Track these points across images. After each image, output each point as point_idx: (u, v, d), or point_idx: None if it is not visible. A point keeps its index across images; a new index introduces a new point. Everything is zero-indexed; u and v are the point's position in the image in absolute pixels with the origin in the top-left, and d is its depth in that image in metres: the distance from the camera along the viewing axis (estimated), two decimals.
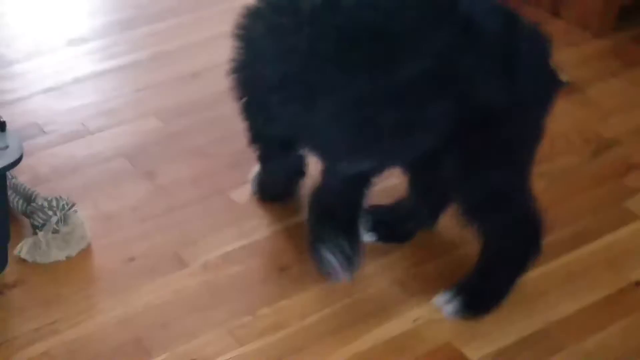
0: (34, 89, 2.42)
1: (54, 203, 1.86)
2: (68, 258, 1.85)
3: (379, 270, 1.82)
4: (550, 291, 1.76)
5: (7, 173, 1.89)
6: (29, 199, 1.91)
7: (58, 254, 1.84)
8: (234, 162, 2.10)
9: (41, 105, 2.35)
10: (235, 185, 2.04)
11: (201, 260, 1.85)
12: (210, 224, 1.94)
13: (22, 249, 1.83)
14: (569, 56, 2.47)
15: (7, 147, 1.66)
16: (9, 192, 1.92)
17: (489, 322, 1.70)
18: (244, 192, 2.02)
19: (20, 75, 2.49)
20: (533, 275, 1.78)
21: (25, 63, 2.54)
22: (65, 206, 1.87)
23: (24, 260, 1.83)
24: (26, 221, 1.89)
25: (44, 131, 2.25)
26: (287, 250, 1.88)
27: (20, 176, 2.06)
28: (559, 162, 2.09)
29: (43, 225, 1.85)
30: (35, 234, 1.85)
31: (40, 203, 1.87)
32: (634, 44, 2.52)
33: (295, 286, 1.79)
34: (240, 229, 1.93)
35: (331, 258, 1.68)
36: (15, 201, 1.92)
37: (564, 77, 2.29)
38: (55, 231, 1.83)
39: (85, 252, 1.87)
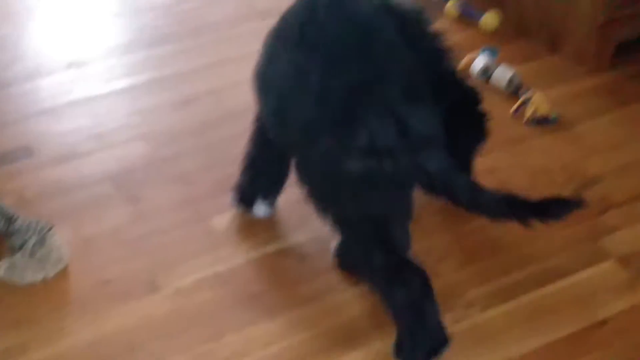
0: (28, 111, 2.47)
1: (33, 225, 1.91)
2: (44, 280, 1.89)
3: (347, 300, 1.84)
4: (516, 326, 1.77)
5: None
6: (9, 220, 1.95)
7: (34, 276, 1.88)
8: (217, 189, 2.13)
9: (33, 128, 2.40)
10: (215, 213, 2.07)
11: (174, 286, 1.88)
12: (187, 250, 1.97)
13: (0, 269, 1.87)
14: (562, 92, 2.48)
15: None
16: None
17: (452, 355, 1.70)
18: (224, 220, 2.05)
19: (17, 97, 2.54)
20: (501, 310, 1.79)
21: (23, 85, 2.59)
22: (43, 229, 1.91)
23: (0, 280, 1.87)
24: (4, 242, 1.94)
25: (33, 154, 2.29)
26: (259, 278, 1.91)
27: (6, 197, 2.11)
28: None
29: (21, 246, 1.89)
30: (13, 255, 1.88)
31: (19, 225, 1.92)
32: (629, 82, 2.51)
33: (263, 314, 1.81)
34: (215, 256, 1.95)
35: None
36: None
37: (552, 113, 2.32)
38: (32, 253, 1.87)
39: (62, 274, 1.91)
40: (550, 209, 1.64)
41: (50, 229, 1.92)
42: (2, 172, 2.23)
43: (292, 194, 2.00)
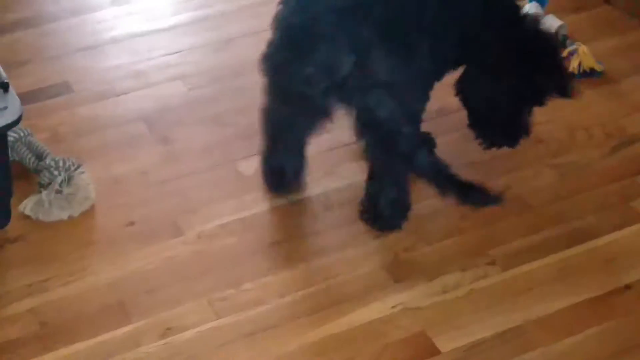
0: (70, 47, 2.48)
1: (61, 163, 1.93)
2: (70, 217, 1.91)
3: (368, 253, 1.82)
4: (537, 287, 1.73)
5: (23, 130, 1.97)
6: (40, 156, 1.98)
7: (60, 214, 1.90)
8: (249, 133, 2.11)
9: (74, 64, 2.40)
10: (244, 157, 2.06)
11: (197, 230, 1.88)
12: (213, 194, 1.97)
13: (26, 206, 1.90)
14: (610, 44, 2.40)
15: (6, 107, 1.71)
16: (23, 149, 2.00)
17: (468, 313, 1.68)
18: (252, 165, 2.04)
19: (61, 32, 2.55)
20: (523, 270, 1.76)
21: (68, 20, 2.59)
22: (71, 167, 1.93)
23: (27, 217, 1.90)
24: (35, 178, 1.95)
25: (72, 90, 2.30)
26: (282, 226, 1.90)
27: (41, 133, 2.13)
28: (575, 155, 2.04)
29: (48, 184, 1.91)
30: (40, 192, 1.90)
31: (48, 162, 1.94)
32: None
33: (283, 263, 1.81)
34: (240, 201, 1.95)
35: None
36: (27, 158, 1.99)
37: (598, 66, 2.24)
38: (59, 191, 1.89)
39: (88, 213, 1.93)
40: (470, 194, 1.67)
41: (78, 167, 1.94)
42: (39, 107, 2.24)
43: (324, 141, 1.99)
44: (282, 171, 1.93)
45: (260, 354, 1.63)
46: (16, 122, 1.74)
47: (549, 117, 2.14)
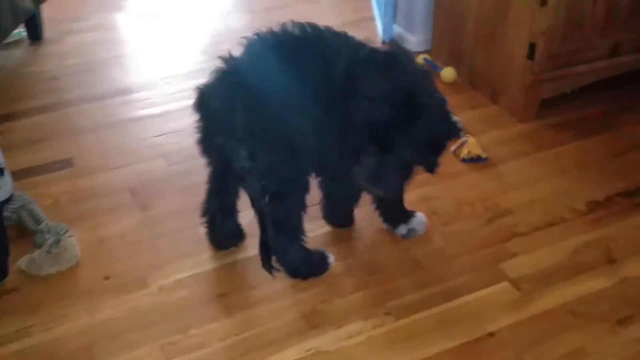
0: (78, 129, 2.35)
1: (52, 228, 1.77)
2: (58, 272, 1.74)
3: (293, 304, 1.67)
4: (422, 334, 1.58)
5: (27, 198, 1.81)
6: (37, 221, 1.82)
7: (49, 269, 1.74)
8: None
9: (78, 143, 2.26)
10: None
11: (159, 283, 1.72)
12: (176, 253, 1.81)
13: (22, 262, 1.74)
14: (495, 136, 2.26)
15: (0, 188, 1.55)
16: (25, 215, 1.85)
17: (366, 355, 1.54)
18: None
19: (72, 116, 2.41)
20: (411, 320, 1.61)
21: (79, 107, 2.46)
22: (61, 231, 1.77)
23: (23, 271, 1.73)
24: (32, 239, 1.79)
25: (73, 164, 2.15)
26: (227, 280, 1.74)
27: (45, 200, 1.99)
28: (460, 225, 1.89)
29: (41, 245, 1.75)
30: (34, 251, 1.74)
31: (42, 227, 1.78)
32: (547, 131, 2.28)
33: (224, 312, 1.65)
34: (197, 259, 1.79)
35: None
36: (27, 222, 1.83)
37: (483, 154, 2.11)
38: (48, 251, 1.73)
39: (74, 269, 1.77)
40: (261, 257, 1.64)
41: (66, 232, 1.78)
42: (46, 179, 2.09)
43: None
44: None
45: None
46: (6, 201, 1.57)
47: (442, 194, 2.00)
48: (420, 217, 1.84)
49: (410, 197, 1.96)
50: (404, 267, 1.76)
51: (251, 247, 1.82)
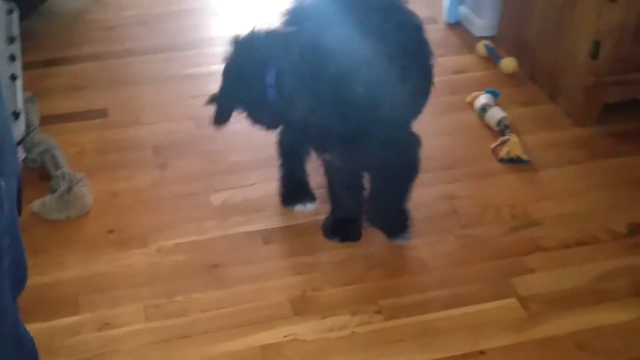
0: (119, 80, 2.42)
1: (68, 176, 1.86)
2: (67, 219, 1.83)
3: (283, 286, 1.69)
4: (407, 340, 1.56)
5: (53, 144, 1.90)
6: (57, 167, 1.91)
7: (58, 215, 1.83)
8: (230, 170, 2.02)
9: (116, 95, 2.35)
10: (218, 190, 1.95)
11: (158, 245, 1.78)
12: (182, 217, 1.87)
13: (35, 205, 1.83)
14: (544, 138, 2.18)
15: None
16: (48, 159, 1.95)
17: (343, 352, 1.53)
18: (221, 197, 1.93)
19: (116, 68, 2.50)
20: (401, 322, 1.60)
21: (124, 59, 2.54)
22: (74, 180, 1.85)
23: (35, 213, 1.82)
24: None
25: (107, 115, 2.24)
26: (224, 252, 1.78)
27: (72, 147, 2.09)
28: (479, 229, 1.85)
29: (54, 191, 1.84)
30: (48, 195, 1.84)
31: (59, 173, 1.87)
32: (605, 139, 2.17)
33: (213, 284, 1.69)
34: (200, 226, 1.84)
35: None
36: (48, 166, 1.92)
37: (525, 156, 2.04)
38: (60, 198, 1.82)
39: (82, 218, 1.85)
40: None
41: (79, 182, 1.86)
42: (78, 126, 2.18)
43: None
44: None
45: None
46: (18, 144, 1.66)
47: (469, 193, 1.96)
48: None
49: (433, 192, 1.94)
50: (407, 266, 1.75)
51: (258, 220, 1.85)
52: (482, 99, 2.27)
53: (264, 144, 1.94)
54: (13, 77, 1.80)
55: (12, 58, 1.88)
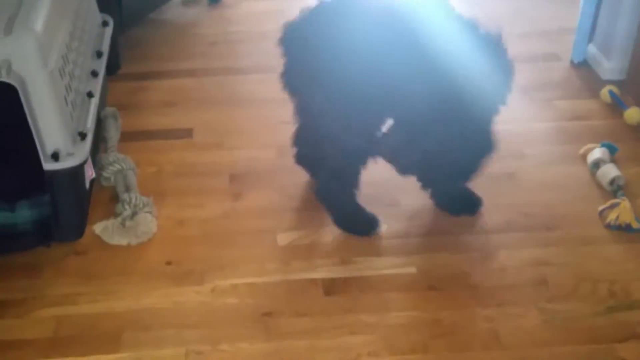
0: (210, 100, 2.38)
1: (134, 200, 1.82)
2: (128, 245, 1.79)
3: (336, 347, 1.56)
4: None
5: (129, 164, 1.88)
6: (127, 189, 1.88)
7: (119, 240, 1.79)
8: (302, 207, 1.91)
9: (204, 115, 2.30)
10: (287, 229, 1.85)
11: (214, 284, 1.71)
12: (244, 255, 1.78)
13: (98, 227, 1.80)
14: None
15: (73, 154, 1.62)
16: (120, 180, 1.93)
17: None
18: (288, 237, 1.83)
19: (210, 85, 2.45)
20: None
21: (219, 77, 2.50)
22: (139, 205, 1.81)
23: (97, 236, 1.80)
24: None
25: (192, 136, 2.20)
26: (281, 299, 1.67)
27: (149, 167, 2.06)
28: (569, 305, 1.64)
29: (119, 214, 1.80)
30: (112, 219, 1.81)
31: (126, 196, 1.83)
32: None
33: (263, 335, 1.58)
34: (260, 268, 1.75)
35: None
36: (119, 188, 1.90)
37: (636, 223, 1.81)
38: (122, 223, 1.78)
39: (143, 245, 1.81)
40: None
41: (145, 207, 1.82)
42: (160, 145, 2.15)
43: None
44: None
45: None
46: (79, 166, 1.63)
47: (564, 260, 1.75)
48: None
49: (522, 255, 1.76)
50: (478, 339, 1.57)
51: (322, 267, 1.73)
52: (597, 152, 2.04)
53: None
54: (90, 95, 1.78)
55: (94, 74, 1.87)
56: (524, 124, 2.21)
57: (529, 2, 2.93)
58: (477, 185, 1.96)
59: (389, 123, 1.68)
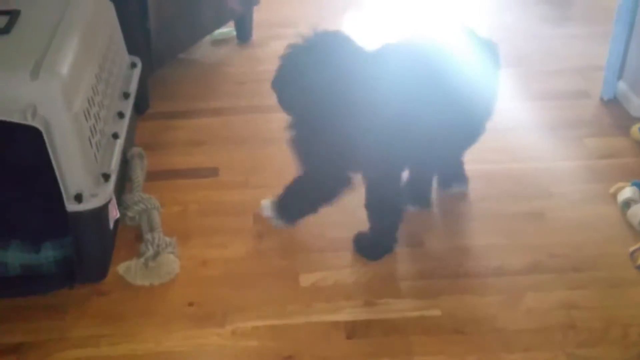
0: (236, 138, 2.37)
1: (157, 241, 1.81)
2: (151, 285, 1.78)
3: None
4: None
5: (153, 203, 1.88)
6: (151, 229, 1.87)
7: (143, 281, 1.78)
8: (326, 247, 1.88)
9: (231, 154, 2.29)
10: (311, 270, 1.82)
11: (235, 325, 1.68)
12: (266, 296, 1.76)
13: (121, 268, 1.79)
14: None
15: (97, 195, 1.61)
16: (144, 219, 1.92)
17: None
18: (311, 278, 1.80)
19: (238, 124, 2.45)
20: None
21: (247, 115, 2.48)
22: (163, 245, 1.80)
23: (121, 276, 1.79)
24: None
25: (217, 174, 2.18)
26: (302, 343, 1.64)
27: (174, 206, 2.05)
28: (599, 351, 1.59)
29: (142, 254, 1.79)
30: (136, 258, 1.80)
31: (150, 236, 1.83)
32: None
33: None
34: (282, 310, 1.72)
35: None
36: (143, 228, 1.89)
37: None
38: (146, 263, 1.77)
39: (166, 285, 1.79)
40: None
41: (168, 247, 1.80)
42: (185, 184, 2.14)
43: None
44: None
45: None
46: (103, 208, 1.63)
47: (594, 304, 1.69)
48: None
49: (550, 298, 1.71)
50: None
51: (345, 309, 1.70)
52: (627, 192, 1.98)
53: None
54: (115, 136, 1.78)
55: (121, 115, 1.87)
56: (553, 163, 2.17)
57: (559, 39, 2.89)
58: (504, 225, 1.92)
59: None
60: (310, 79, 1.61)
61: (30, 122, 1.49)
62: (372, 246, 1.83)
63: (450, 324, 1.66)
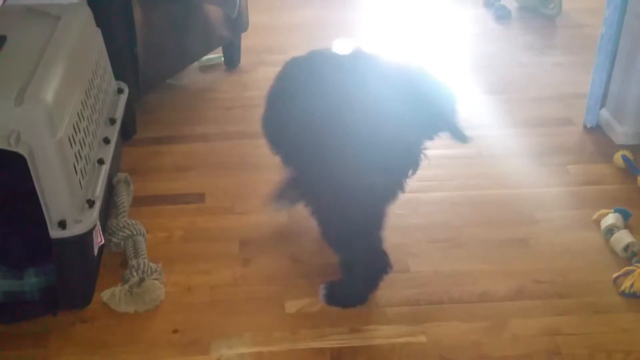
0: (223, 165, 2.36)
1: (142, 267, 1.79)
2: (136, 312, 1.75)
3: None
4: None
5: (139, 229, 1.86)
6: (136, 255, 1.85)
7: (126, 308, 1.76)
8: (313, 273, 1.87)
9: (218, 180, 2.27)
10: (296, 296, 1.80)
11: (220, 353, 1.66)
12: (252, 323, 1.74)
13: (106, 295, 1.77)
14: None
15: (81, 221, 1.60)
16: (129, 246, 1.89)
17: None
18: (297, 305, 1.78)
19: (225, 150, 2.43)
20: None
21: (235, 141, 2.47)
22: (148, 272, 1.78)
23: (105, 303, 1.77)
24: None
25: (204, 201, 2.17)
26: None
27: (160, 232, 2.04)
28: None
29: (127, 281, 1.77)
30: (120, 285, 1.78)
31: (135, 263, 1.80)
32: None
33: None
34: (268, 337, 1.70)
35: None
36: (128, 254, 1.87)
37: None
38: (130, 290, 1.75)
39: (151, 312, 1.77)
40: None
41: (154, 273, 1.79)
42: (172, 210, 2.13)
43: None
44: None
45: None
46: (87, 234, 1.61)
47: (578, 330, 1.69)
48: None
49: (534, 324, 1.69)
50: None
51: (331, 336, 1.68)
52: (610, 218, 1.98)
53: None
54: (101, 162, 1.77)
55: (107, 141, 1.86)
56: (537, 189, 2.17)
57: (542, 67, 2.91)
58: (489, 251, 1.91)
59: None
60: (287, 114, 1.59)
61: (13, 148, 1.48)
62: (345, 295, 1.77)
63: (435, 350, 1.64)
